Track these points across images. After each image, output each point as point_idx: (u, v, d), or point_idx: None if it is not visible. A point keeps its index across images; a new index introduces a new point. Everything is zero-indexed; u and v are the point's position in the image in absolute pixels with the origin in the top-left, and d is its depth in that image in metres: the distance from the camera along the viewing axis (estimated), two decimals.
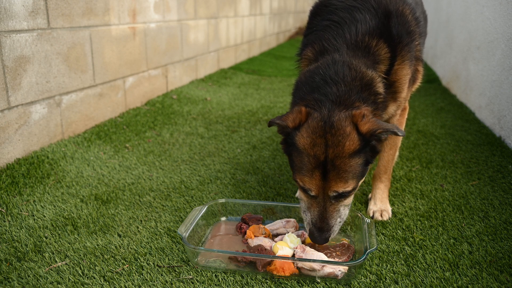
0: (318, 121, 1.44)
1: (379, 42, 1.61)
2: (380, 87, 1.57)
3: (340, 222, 1.53)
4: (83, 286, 1.41)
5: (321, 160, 1.42)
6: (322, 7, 1.79)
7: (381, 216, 1.88)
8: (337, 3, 1.72)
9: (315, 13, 1.84)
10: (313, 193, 1.48)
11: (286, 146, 1.55)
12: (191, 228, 1.60)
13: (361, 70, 1.54)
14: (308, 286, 1.43)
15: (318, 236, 1.49)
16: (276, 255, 1.53)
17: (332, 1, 1.75)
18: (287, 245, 1.58)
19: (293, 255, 1.54)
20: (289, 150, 1.52)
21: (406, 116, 1.96)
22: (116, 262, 1.54)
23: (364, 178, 1.55)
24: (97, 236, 1.71)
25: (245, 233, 1.71)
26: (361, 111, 1.44)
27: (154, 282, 1.44)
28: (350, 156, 1.42)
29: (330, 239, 1.51)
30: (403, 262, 1.56)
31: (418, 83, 1.90)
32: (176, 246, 1.66)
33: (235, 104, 3.83)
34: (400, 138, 1.97)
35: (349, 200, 1.56)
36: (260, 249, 1.54)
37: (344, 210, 1.54)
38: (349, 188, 1.46)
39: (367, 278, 1.46)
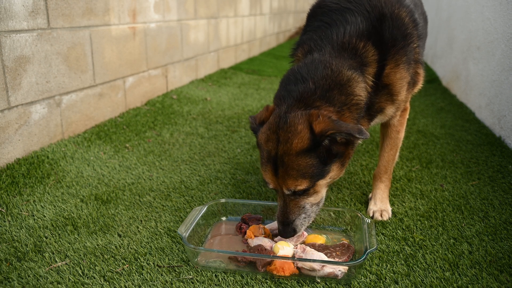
0: (275, 117, 1.50)
1: (367, 45, 1.60)
2: (359, 89, 1.55)
3: (305, 218, 1.54)
4: (83, 286, 1.42)
5: (272, 155, 1.47)
6: (318, 8, 1.81)
7: (381, 216, 1.88)
8: (331, 5, 1.73)
9: (311, 15, 1.86)
10: (271, 186, 1.53)
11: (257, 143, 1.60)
12: (191, 228, 1.60)
13: (338, 70, 1.54)
14: (308, 286, 1.43)
15: (281, 230, 1.54)
16: (277, 255, 1.54)
17: (326, 3, 1.76)
18: (288, 244, 1.58)
19: (293, 255, 1.54)
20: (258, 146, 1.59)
21: (407, 117, 1.96)
22: (116, 262, 1.54)
23: (327, 180, 1.52)
24: (97, 236, 1.71)
25: (245, 233, 1.71)
26: (319, 111, 1.45)
27: (154, 282, 1.44)
28: (297, 154, 1.42)
29: (295, 234, 1.54)
30: (403, 262, 1.56)
31: (419, 85, 1.89)
32: (176, 246, 1.66)
33: (235, 104, 3.83)
34: (401, 138, 1.97)
35: (315, 198, 1.54)
36: (260, 249, 1.54)
37: (311, 208, 1.54)
38: (301, 187, 1.46)
39: (367, 278, 1.47)
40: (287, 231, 1.53)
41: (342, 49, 1.60)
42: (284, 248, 1.55)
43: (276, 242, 1.64)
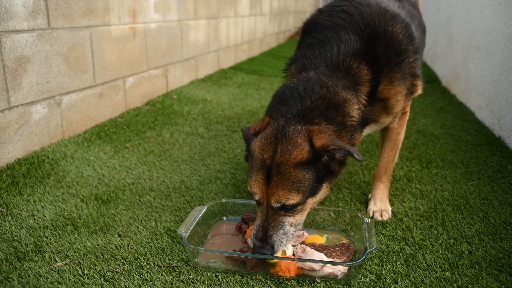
0: (272, 129, 1.48)
1: (360, 64, 1.61)
2: (354, 110, 1.56)
3: (283, 235, 1.45)
4: (83, 286, 1.42)
5: (267, 163, 1.42)
6: (311, 26, 1.81)
7: (381, 216, 1.89)
8: (324, 22, 1.73)
9: (304, 31, 1.86)
10: (257, 197, 1.46)
11: (247, 154, 1.56)
12: (191, 228, 1.60)
13: (334, 90, 1.54)
14: (308, 286, 1.43)
15: (257, 247, 1.43)
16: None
17: (319, 20, 1.76)
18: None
19: (293, 255, 1.54)
20: (248, 157, 1.54)
21: (406, 119, 1.97)
22: (116, 262, 1.54)
23: (316, 199, 1.50)
24: (97, 236, 1.71)
25: (245, 233, 1.71)
26: (320, 127, 1.45)
27: (154, 282, 1.44)
28: (295, 165, 1.40)
29: (275, 252, 1.44)
30: (403, 262, 1.56)
31: (418, 92, 1.90)
32: (176, 246, 1.66)
33: (235, 104, 3.83)
34: (401, 139, 1.97)
35: (298, 218, 1.48)
36: None
37: (290, 227, 1.47)
38: (292, 201, 1.41)
39: (367, 278, 1.47)
40: (264, 247, 1.43)
41: (337, 69, 1.61)
42: (289, 248, 1.56)
43: None
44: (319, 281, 1.45)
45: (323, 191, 1.51)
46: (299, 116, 1.49)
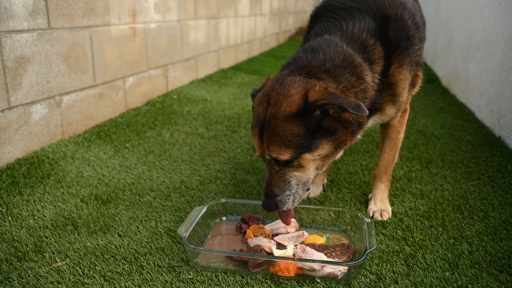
0: (273, 81, 1.44)
1: (376, 42, 1.60)
2: (369, 77, 1.53)
3: (289, 196, 1.45)
4: (83, 286, 1.42)
5: (261, 118, 1.40)
6: (322, 9, 1.81)
7: (381, 216, 1.89)
8: (336, 4, 1.73)
9: (315, 16, 1.86)
10: (257, 154, 1.47)
11: None
12: (191, 228, 1.60)
13: (349, 52, 1.51)
14: (308, 286, 1.43)
15: (264, 202, 1.46)
16: (275, 254, 1.54)
17: (332, 2, 1.76)
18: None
19: (294, 255, 1.54)
20: None
21: (406, 118, 1.97)
22: (116, 262, 1.54)
23: (314, 156, 1.42)
24: (97, 236, 1.71)
25: (245, 233, 1.71)
26: (320, 82, 1.39)
27: (154, 282, 1.44)
28: (284, 118, 1.36)
29: (279, 209, 1.46)
30: (403, 262, 1.56)
31: (417, 87, 1.91)
32: (176, 246, 1.66)
33: (235, 104, 3.83)
34: (401, 138, 1.97)
35: (302, 174, 1.44)
36: (256, 249, 1.54)
37: (296, 186, 1.45)
38: (284, 156, 1.38)
39: (367, 278, 1.47)
40: (269, 204, 1.45)
41: (352, 40, 1.58)
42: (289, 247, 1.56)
43: (275, 242, 1.65)
44: (319, 281, 1.45)
45: (324, 150, 1.42)
46: (304, 68, 1.44)
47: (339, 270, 1.43)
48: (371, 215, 1.91)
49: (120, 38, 3.18)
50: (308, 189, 1.52)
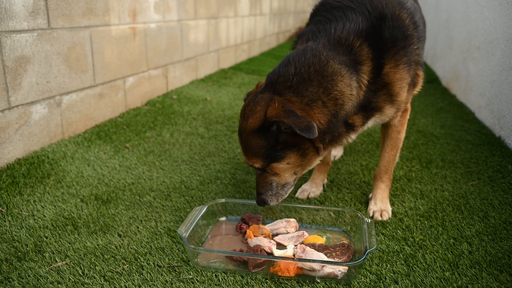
0: (253, 95, 1.62)
1: (363, 44, 1.62)
2: (343, 85, 1.56)
3: (271, 195, 1.67)
4: (83, 286, 1.42)
5: (239, 129, 1.61)
6: (320, 6, 1.84)
7: (381, 216, 1.89)
8: (333, 3, 1.76)
9: (313, 13, 1.89)
10: (244, 159, 1.67)
11: None
12: (191, 228, 1.60)
13: (326, 60, 1.56)
14: (308, 286, 1.43)
15: (256, 198, 1.70)
16: (275, 254, 1.54)
17: (329, 1, 1.79)
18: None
19: (294, 255, 1.54)
20: None
21: (407, 117, 1.96)
22: (116, 262, 1.54)
23: (283, 165, 1.58)
24: (97, 236, 1.71)
25: (245, 233, 1.71)
26: (281, 98, 1.51)
27: (154, 282, 1.44)
28: (250, 133, 1.55)
29: (267, 205, 1.69)
30: (403, 262, 1.56)
31: (419, 87, 1.90)
32: (176, 246, 1.66)
33: (235, 104, 3.83)
34: (402, 138, 1.96)
35: (279, 179, 1.63)
36: (256, 249, 1.54)
37: (277, 187, 1.65)
38: (256, 164, 1.59)
39: (367, 278, 1.47)
40: (259, 200, 1.69)
41: (338, 44, 1.62)
42: (289, 247, 1.56)
43: (275, 242, 1.65)
44: (319, 281, 1.45)
45: (290, 159, 1.57)
46: (273, 85, 1.57)
47: (339, 270, 1.43)
48: (371, 215, 1.91)
49: (120, 38, 3.18)
50: (290, 188, 1.71)
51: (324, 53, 1.57)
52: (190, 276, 1.47)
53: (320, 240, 1.65)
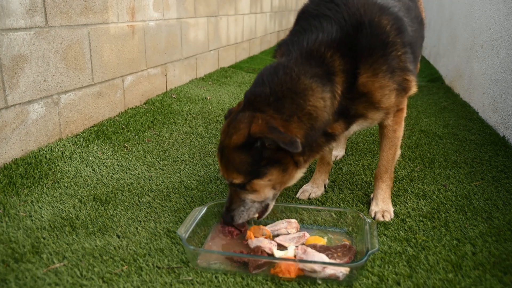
0: (234, 114, 1.64)
1: (334, 54, 1.60)
2: (315, 99, 1.57)
3: (243, 211, 1.64)
4: (81, 287, 1.40)
5: (221, 146, 1.62)
6: (301, 14, 1.83)
7: (383, 216, 1.86)
8: (311, 11, 1.74)
9: (296, 20, 1.88)
10: (220, 173, 1.69)
11: None
12: (191, 229, 1.58)
13: (297, 77, 1.57)
14: (309, 287, 1.41)
15: (222, 214, 1.68)
16: (276, 256, 1.52)
17: (308, 9, 1.78)
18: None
19: (294, 256, 1.52)
20: None
21: (403, 115, 1.91)
22: (115, 263, 1.52)
23: (265, 182, 1.58)
24: (95, 237, 1.69)
25: (238, 235, 1.70)
26: (263, 115, 1.53)
27: (154, 283, 1.42)
28: (233, 149, 1.55)
29: (234, 222, 1.66)
30: (405, 263, 1.54)
31: (413, 90, 1.84)
32: (176, 247, 1.64)
33: (235, 103, 3.81)
34: (399, 136, 1.93)
35: (256, 196, 1.62)
36: (256, 250, 1.53)
37: (252, 203, 1.64)
38: (236, 180, 1.58)
39: (368, 280, 1.44)
40: (226, 217, 1.66)
41: (310, 57, 1.62)
42: (290, 248, 1.55)
43: (276, 243, 1.63)
44: (320, 282, 1.43)
45: (272, 175, 1.57)
46: (252, 104, 1.59)
47: (341, 271, 1.41)
48: (372, 216, 1.89)
49: (119, 36, 3.15)
50: (267, 205, 1.69)
51: (296, 69, 1.58)
52: (190, 278, 1.45)
53: (322, 241, 1.63)
